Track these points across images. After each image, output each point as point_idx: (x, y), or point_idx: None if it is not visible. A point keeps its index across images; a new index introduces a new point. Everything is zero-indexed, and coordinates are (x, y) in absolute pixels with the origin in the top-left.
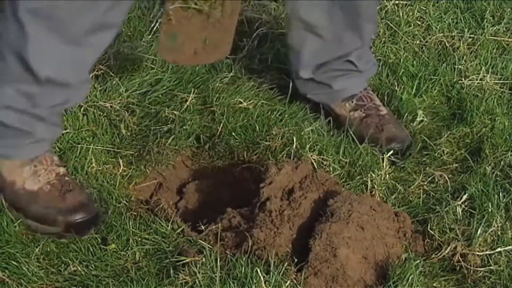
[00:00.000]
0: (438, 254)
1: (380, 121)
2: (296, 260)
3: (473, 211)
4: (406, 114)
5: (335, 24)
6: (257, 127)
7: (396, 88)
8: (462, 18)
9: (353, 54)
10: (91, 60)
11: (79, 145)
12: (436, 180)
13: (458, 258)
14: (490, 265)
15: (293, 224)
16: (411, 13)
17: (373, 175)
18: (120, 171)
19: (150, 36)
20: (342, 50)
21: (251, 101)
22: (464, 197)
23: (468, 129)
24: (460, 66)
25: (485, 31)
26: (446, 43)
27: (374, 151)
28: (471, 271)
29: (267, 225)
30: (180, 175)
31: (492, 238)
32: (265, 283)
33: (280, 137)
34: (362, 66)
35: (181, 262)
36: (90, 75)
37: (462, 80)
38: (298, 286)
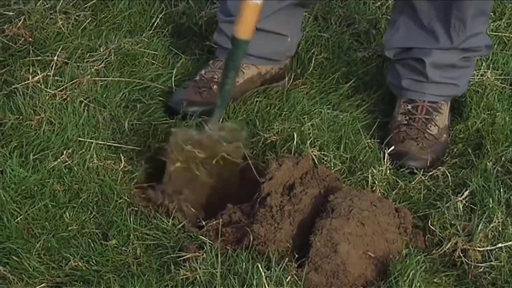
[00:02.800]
0: (439, 250)
1: (414, 135)
2: (296, 255)
3: (474, 207)
4: None
5: (430, 11)
6: (257, 122)
7: None
8: None
9: (433, 56)
10: None
11: (81, 140)
12: (437, 175)
13: (459, 253)
14: (491, 261)
15: (293, 219)
16: None
17: (374, 170)
18: (121, 166)
19: (150, 32)
20: (430, 43)
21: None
22: (466, 193)
23: (469, 125)
24: None
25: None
26: None
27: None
28: (472, 267)
29: (268, 220)
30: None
31: (493, 233)
32: (266, 278)
33: (280, 133)
34: (436, 76)
35: (182, 258)
36: (91, 71)
37: None
38: (299, 282)
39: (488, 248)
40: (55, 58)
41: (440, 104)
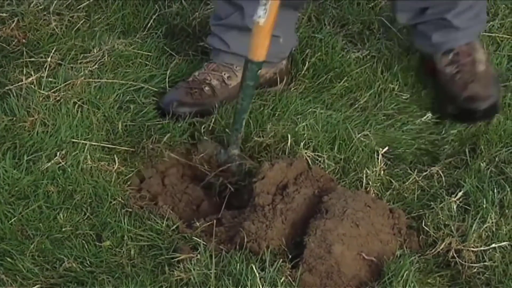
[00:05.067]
0: (433, 250)
1: (469, 78)
2: (289, 255)
3: (468, 207)
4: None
5: None
6: (251, 123)
7: (391, 84)
8: None
9: (452, 11)
10: None
11: (74, 142)
12: (431, 176)
13: (452, 254)
14: (485, 261)
15: (285, 218)
16: None
17: (368, 171)
18: (115, 168)
19: (144, 33)
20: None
21: None
22: (460, 193)
23: (463, 125)
24: None
25: None
26: None
27: (369, 147)
28: (466, 267)
29: (259, 218)
30: (174, 172)
31: (486, 234)
32: (260, 279)
33: (274, 135)
34: (462, 23)
35: (176, 259)
36: (84, 72)
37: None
38: (293, 282)
39: (482, 248)
40: (49, 59)
41: (474, 43)
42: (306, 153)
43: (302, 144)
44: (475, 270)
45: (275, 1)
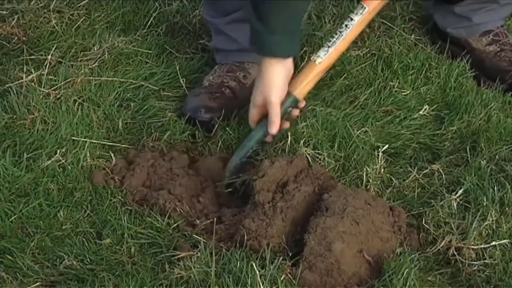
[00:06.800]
0: (433, 248)
1: None
2: (289, 252)
3: (468, 205)
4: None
5: None
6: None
7: (391, 82)
8: None
9: None
10: None
11: (75, 140)
12: (431, 173)
13: (453, 251)
14: (485, 259)
15: (285, 215)
16: (406, 7)
17: (368, 169)
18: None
19: (144, 31)
20: None
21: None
22: (460, 191)
23: (463, 123)
24: (456, 60)
25: None
26: None
27: (368, 144)
28: (466, 265)
29: (259, 216)
30: (175, 171)
31: (487, 232)
32: (260, 277)
33: None
34: None
35: (176, 257)
36: (85, 70)
37: (457, 73)
38: (293, 280)
39: (482, 246)
40: (49, 57)
41: (504, 28)
42: (306, 151)
43: (302, 142)
44: (475, 268)
45: (338, 49)
